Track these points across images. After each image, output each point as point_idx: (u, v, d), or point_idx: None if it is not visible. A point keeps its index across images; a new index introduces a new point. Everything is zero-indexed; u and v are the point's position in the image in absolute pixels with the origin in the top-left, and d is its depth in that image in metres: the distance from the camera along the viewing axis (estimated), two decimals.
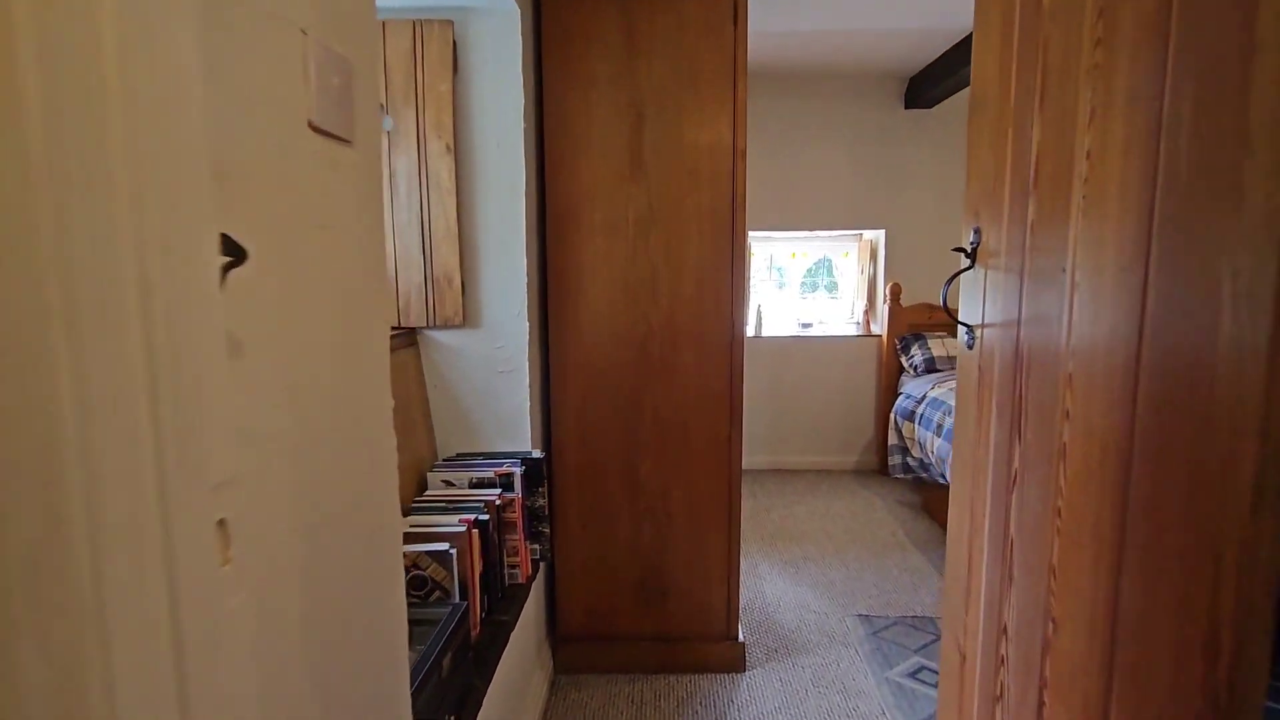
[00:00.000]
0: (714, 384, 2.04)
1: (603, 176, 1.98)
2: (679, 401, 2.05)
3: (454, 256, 1.79)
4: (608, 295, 2.02)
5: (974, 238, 1.24)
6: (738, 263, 2.00)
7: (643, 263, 2.01)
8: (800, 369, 4.28)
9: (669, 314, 2.02)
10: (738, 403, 2.05)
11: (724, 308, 2.02)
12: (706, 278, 2.00)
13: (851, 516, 3.53)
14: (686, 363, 2.04)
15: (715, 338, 2.03)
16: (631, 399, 2.06)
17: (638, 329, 2.03)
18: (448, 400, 1.89)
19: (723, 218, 1.98)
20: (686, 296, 2.01)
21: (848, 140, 4.09)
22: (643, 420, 2.07)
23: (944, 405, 3.27)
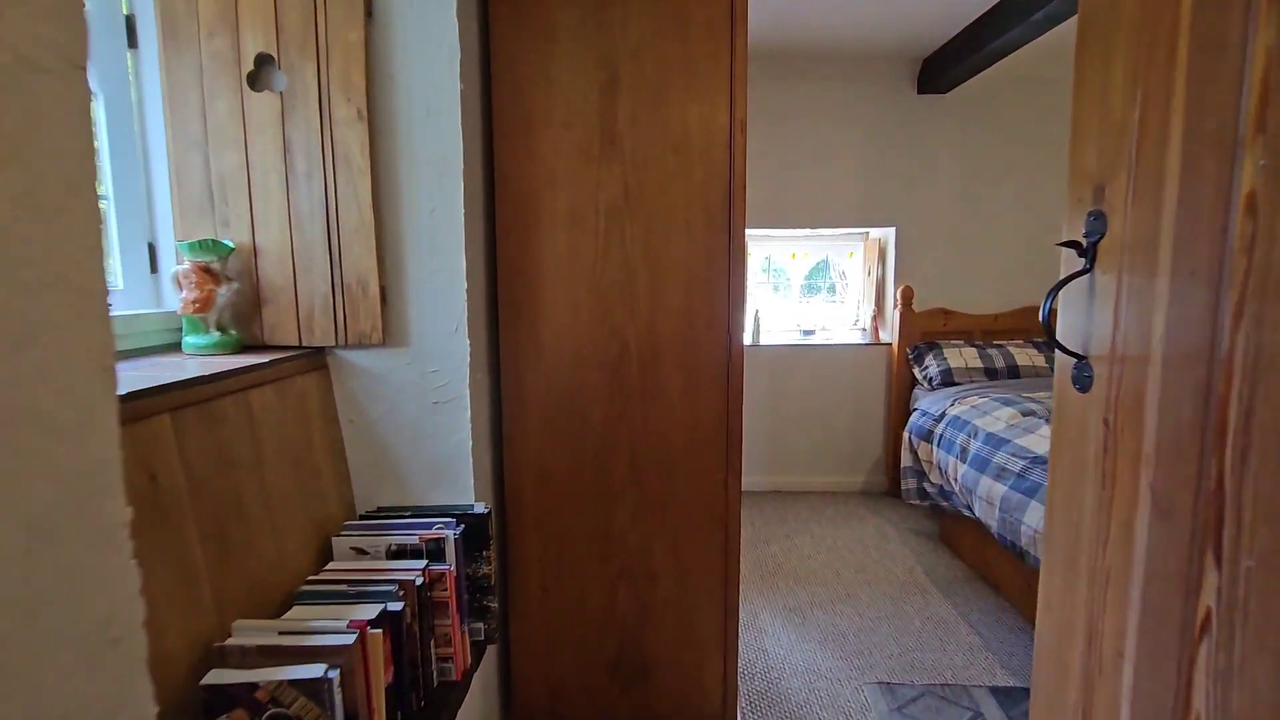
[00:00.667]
0: (706, 414, 1.64)
1: (566, 155, 1.57)
2: (663, 437, 1.65)
3: (370, 256, 1.38)
4: (572, 304, 1.61)
5: (1092, 226, 0.84)
6: (736, 263, 1.60)
7: (617, 263, 1.60)
8: (802, 380, 3.89)
9: (649, 328, 1.62)
10: (735, 438, 1.65)
11: (718, 319, 1.61)
12: (697, 282, 1.60)
13: (861, 549, 3.13)
14: (672, 388, 1.63)
15: (708, 357, 1.62)
16: (604, 434, 1.65)
17: (611, 347, 1.62)
18: (367, 439, 1.48)
19: (717, 206, 1.58)
20: (672, 306, 1.61)
21: (854, 129, 3.70)
22: (618, 460, 1.66)
23: (968, 425, 2.88)
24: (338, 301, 1.40)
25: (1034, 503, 2.23)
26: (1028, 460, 2.40)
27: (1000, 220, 3.75)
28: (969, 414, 2.95)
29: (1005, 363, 3.46)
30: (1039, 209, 3.73)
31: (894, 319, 3.80)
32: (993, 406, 2.90)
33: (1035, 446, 2.44)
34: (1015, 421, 2.71)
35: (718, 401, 1.64)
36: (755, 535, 3.31)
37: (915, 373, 3.69)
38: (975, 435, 2.79)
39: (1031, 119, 3.66)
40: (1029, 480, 2.31)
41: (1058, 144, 3.67)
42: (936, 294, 3.81)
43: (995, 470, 2.51)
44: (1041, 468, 2.31)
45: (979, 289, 3.79)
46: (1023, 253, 3.76)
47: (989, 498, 2.49)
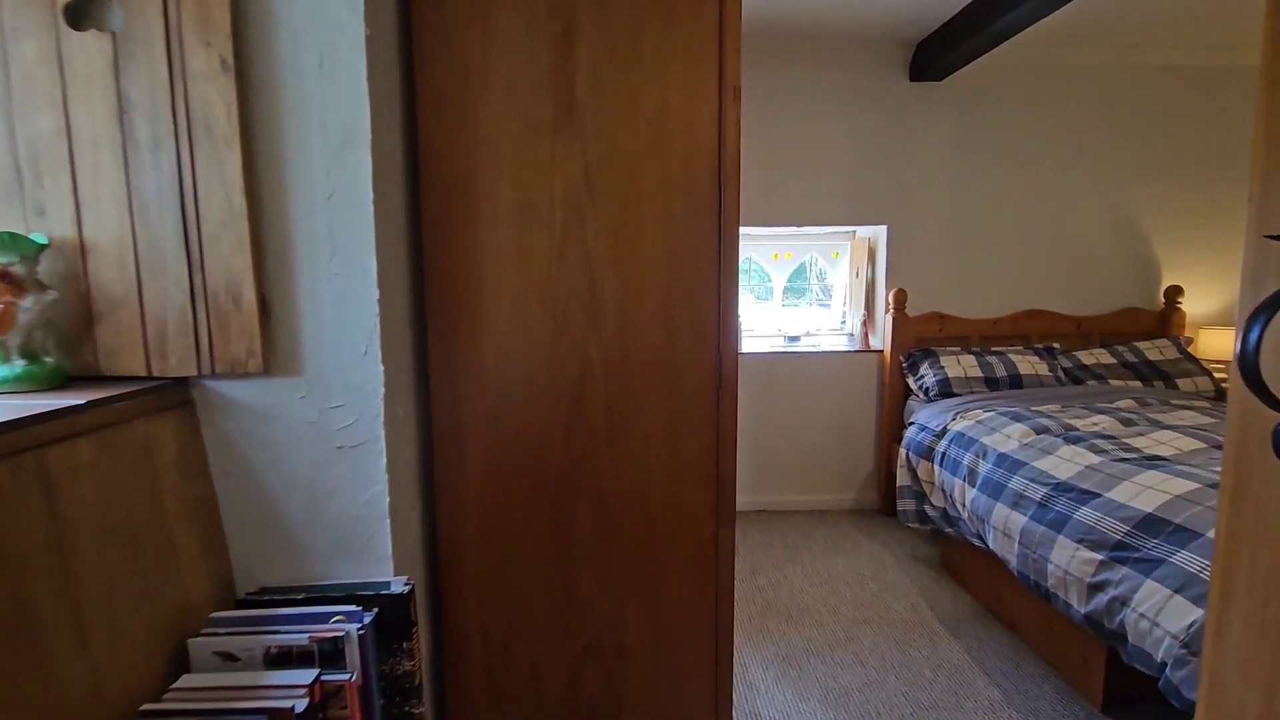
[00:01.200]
0: (692, 452, 1.32)
1: (511, 127, 1.24)
2: (637, 481, 1.32)
3: (243, 255, 1.03)
4: (522, 317, 1.28)
5: None
6: (727, 263, 1.28)
7: (577, 265, 1.27)
8: (787, 391, 3.59)
9: (619, 345, 1.29)
10: (728, 481, 1.33)
11: (705, 333, 1.29)
12: (679, 287, 1.28)
13: (858, 581, 2.84)
14: (648, 420, 1.31)
15: (693, 380, 1.30)
16: (564, 479, 1.32)
17: (570, 370, 1.29)
18: (249, 497, 1.13)
19: (703, 193, 1.26)
20: (647, 317, 1.28)
21: (842, 119, 3.42)
22: (582, 511, 1.33)
23: (975, 444, 2.60)
24: (199, 316, 1.04)
25: (1062, 538, 1.95)
26: (1049, 487, 2.12)
27: (998, 218, 3.50)
28: (975, 430, 2.67)
29: (1007, 372, 3.21)
30: (1040, 206, 3.49)
31: (885, 324, 3.53)
32: (1001, 422, 2.63)
33: (1056, 470, 2.16)
34: (1029, 440, 2.43)
35: (705, 436, 1.31)
36: (741, 564, 3.00)
37: (909, 382, 3.42)
38: (984, 455, 2.51)
39: (1033, 109, 3.42)
40: (1053, 510, 2.04)
41: (1060, 136, 3.43)
42: (931, 297, 3.54)
43: (1012, 497, 2.23)
44: (1067, 495, 2.04)
45: (976, 292, 3.53)
46: (1022, 253, 3.52)
47: (1006, 529, 2.20)
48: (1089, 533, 1.87)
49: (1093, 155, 3.45)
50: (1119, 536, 1.79)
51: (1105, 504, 1.91)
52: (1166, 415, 2.60)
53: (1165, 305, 3.48)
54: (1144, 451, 2.17)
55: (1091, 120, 3.43)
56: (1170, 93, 3.41)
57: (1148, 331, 3.49)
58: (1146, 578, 1.64)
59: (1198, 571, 1.55)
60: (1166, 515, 1.74)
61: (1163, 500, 1.79)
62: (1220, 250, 3.52)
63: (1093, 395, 2.98)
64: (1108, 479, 1.99)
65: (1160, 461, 2.04)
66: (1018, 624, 2.37)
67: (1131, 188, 3.47)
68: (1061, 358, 3.35)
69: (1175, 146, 3.44)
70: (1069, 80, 3.40)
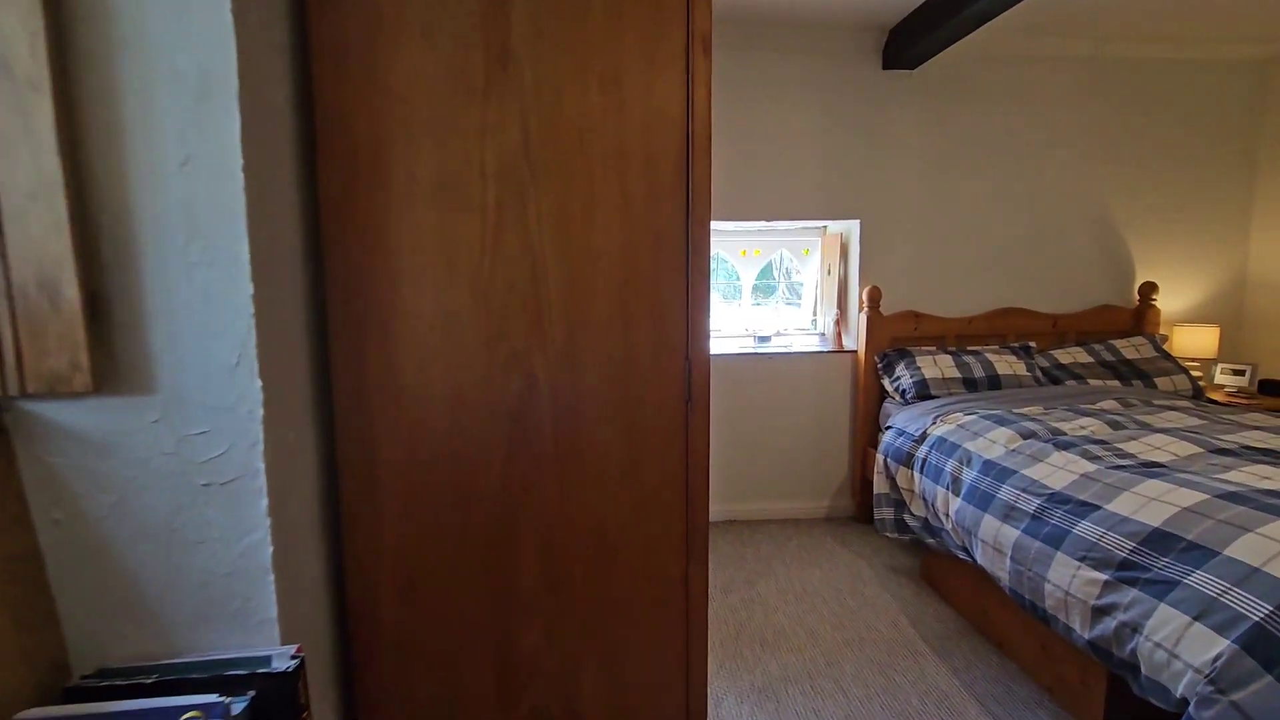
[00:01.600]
0: (657, 479, 1.10)
1: (432, 84, 1.01)
2: (591, 515, 1.10)
3: (60, 238, 0.78)
4: (448, 320, 1.04)
5: None
6: (698, 254, 1.06)
7: (515, 255, 1.04)
8: (757, 394, 3.41)
9: (568, 353, 1.07)
10: (699, 513, 1.11)
11: (672, 338, 1.08)
12: (639, 282, 1.06)
13: (836, 597, 2.66)
14: (603, 442, 1.09)
15: (658, 395, 1.09)
16: (502, 515, 1.09)
17: (509, 384, 1.06)
18: (86, 550, 0.87)
19: (668, 166, 1.04)
20: (600, 319, 1.06)
21: (812, 109, 3.25)
22: (524, 553, 1.10)
23: (958, 450, 2.45)
24: (4, 320, 0.78)
25: (1060, 554, 1.79)
26: (1043, 498, 1.96)
27: (973, 213, 3.37)
28: (957, 435, 2.52)
29: (985, 372, 3.08)
30: (1015, 200, 3.37)
31: (859, 323, 3.38)
32: (984, 426, 2.48)
33: (1049, 479, 2.01)
34: (1016, 446, 2.29)
35: (672, 459, 1.10)
36: (712, 581, 2.80)
37: (885, 384, 3.27)
38: (968, 462, 2.36)
39: (1007, 100, 3.30)
40: (1049, 524, 1.88)
41: (1034, 128, 3.32)
42: (905, 295, 3.40)
43: (1001, 509, 2.07)
44: (1063, 507, 1.88)
45: (952, 289, 3.40)
46: (998, 248, 3.40)
47: (996, 543, 2.05)
48: (1091, 549, 1.72)
49: (1068, 148, 3.35)
50: (1125, 554, 1.64)
51: (1106, 517, 1.75)
52: (1152, 417, 2.48)
53: (1140, 302, 3.40)
54: (1139, 457, 2.03)
55: (1066, 113, 3.33)
56: (1144, 87, 3.33)
57: (1123, 329, 3.41)
58: (1160, 602, 1.49)
59: (1218, 595, 1.39)
60: (1176, 530, 1.59)
61: (1170, 513, 1.64)
62: (1192, 246, 3.46)
63: (1073, 396, 2.86)
64: (1107, 489, 1.84)
65: (1159, 468, 1.91)
66: (1007, 643, 2.22)
67: (1106, 182, 3.39)
68: (1039, 357, 3.24)
69: (1148, 141, 3.37)
70: (1044, 71, 3.30)
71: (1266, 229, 3.40)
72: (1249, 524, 1.50)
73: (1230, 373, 3.25)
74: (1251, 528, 1.49)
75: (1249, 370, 3.20)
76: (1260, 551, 1.42)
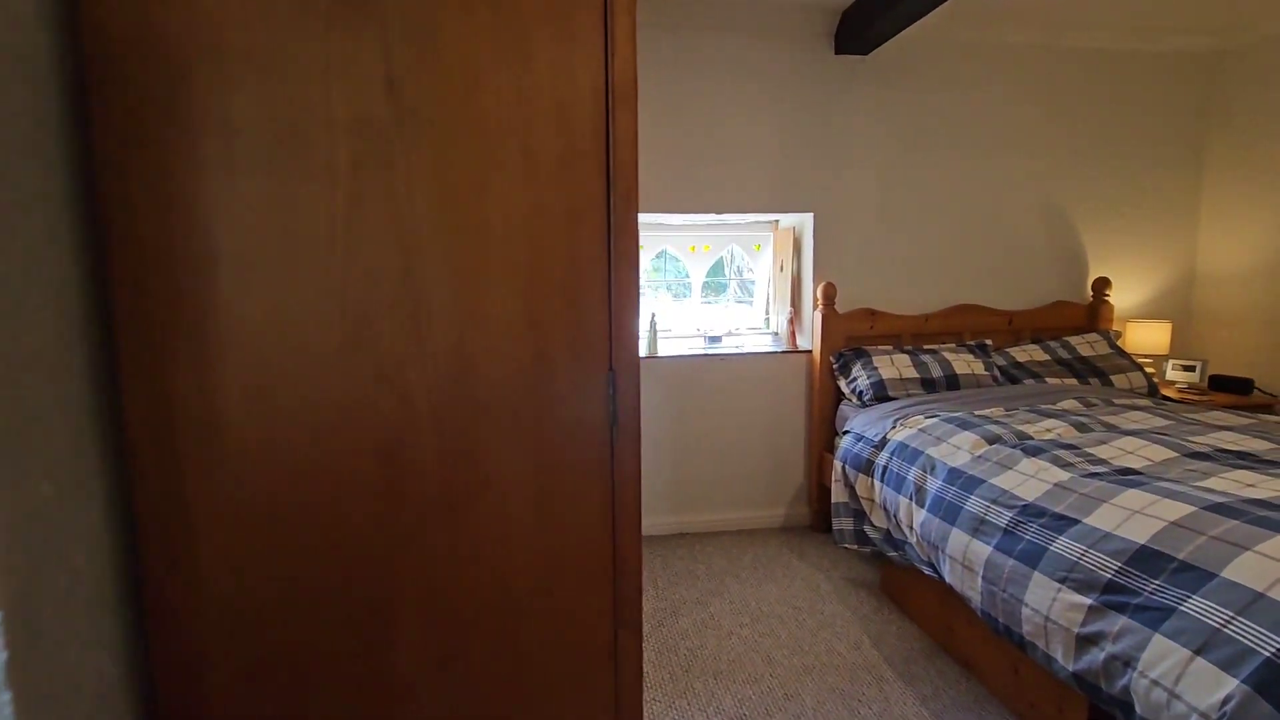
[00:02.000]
0: (575, 523, 0.86)
1: (267, 4, 0.74)
2: (491, 572, 0.85)
3: None
4: (286, 324, 0.78)
5: None
6: (622, 237, 0.82)
7: (379, 234, 0.79)
8: (709, 398, 3.21)
9: (457, 365, 0.81)
10: (631, 563, 0.88)
11: (592, 344, 0.84)
12: (548, 272, 0.82)
13: (794, 617, 2.47)
14: (505, 480, 0.84)
15: (574, 414, 0.84)
16: (372, 578, 0.83)
17: (376, 407, 0.80)
18: None
19: (583, 116, 0.80)
20: (498, 320, 0.82)
21: (761, 95, 3.06)
22: (402, 625, 0.84)
23: (920, 456, 2.29)
24: None
25: (1038, 574, 1.63)
26: (1015, 510, 1.80)
27: (928, 206, 3.24)
28: (919, 440, 2.36)
29: (943, 371, 2.94)
30: (970, 194, 3.26)
31: (814, 321, 3.21)
32: (947, 430, 2.33)
33: (1021, 489, 1.85)
34: (981, 451, 2.13)
35: (595, 497, 0.86)
36: (660, 603, 2.58)
37: (841, 385, 3.10)
38: (933, 470, 2.20)
39: (962, 90, 3.18)
40: (1024, 539, 1.72)
41: (989, 119, 3.21)
42: (861, 291, 3.25)
43: (970, 521, 1.91)
44: (1038, 521, 1.72)
45: (908, 286, 3.27)
46: (954, 244, 3.28)
47: (965, 560, 1.88)
48: (1072, 569, 1.55)
49: (1022, 141, 3.26)
50: (1110, 575, 1.48)
51: (1086, 532, 1.60)
52: (1117, 417, 2.38)
53: (1094, 298, 3.33)
54: (1113, 463, 1.90)
55: (1021, 104, 3.23)
56: (1096, 78, 3.26)
57: (1077, 326, 3.33)
58: (1155, 632, 1.33)
59: (1220, 626, 1.24)
60: (1164, 548, 1.44)
61: (1157, 528, 1.49)
62: (1143, 241, 3.42)
63: (1033, 396, 2.75)
64: (1084, 500, 1.69)
65: (1136, 476, 1.77)
66: (975, 663, 2.06)
67: (1059, 175, 3.31)
68: (995, 355, 3.14)
69: (1100, 134, 3.30)
70: (999, 60, 3.19)
71: (1214, 224, 3.38)
72: (1245, 541, 1.35)
73: (1181, 368, 3.21)
74: (1249, 545, 1.34)
75: (1199, 366, 3.16)
76: (1262, 574, 1.27)
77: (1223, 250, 3.34)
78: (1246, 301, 3.23)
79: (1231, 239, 3.29)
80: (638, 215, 0.81)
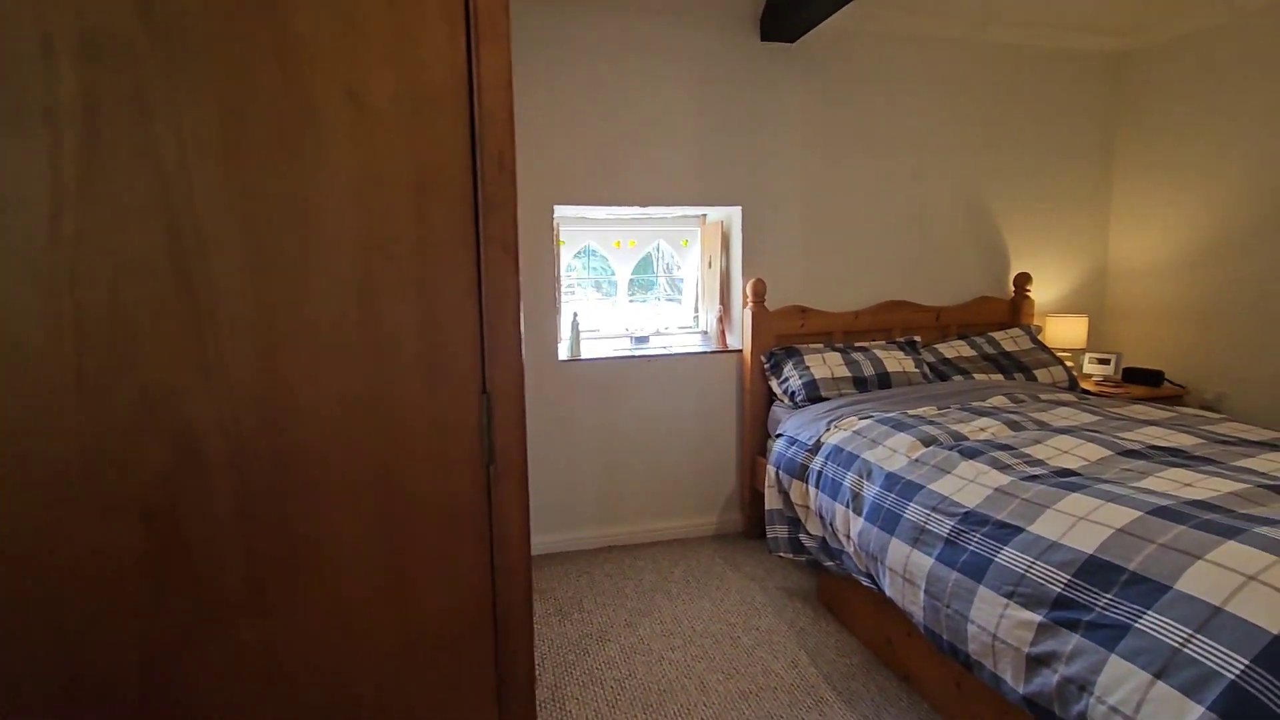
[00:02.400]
0: (441, 599, 0.64)
1: None
2: (327, 676, 0.62)
3: None
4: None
5: None
6: (497, 215, 0.61)
7: (134, 213, 0.55)
8: (636, 401, 3.03)
9: (264, 394, 0.58)
10: (519, 644, 0.67)
11: (459, 360, 0.62)
12: (391, 260, 0.60)
13: (728, 634, 2.32)
14: (341, 553, 0.61)
15: (434, 456, 0.63)
16: (134, 713, 0.58)
17: (141, 455, 0.56)
18: None
19: (433, 51, 0.59)
20: (323, 328, 0.59)
21: (685, 83, 2.90)
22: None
23: (856, 460, 2.18)
24: None
25: (983, 589, 1.52)
26: (956, 518, 1.70)
27: (857, 200, 3.17)
28: (855, 444, 2.25)
29: (874, 370, 2.87)
30: (898, 187, 3.21)
31: (744, 319, 3.07)
32: (882, 433, 2.23)
33: (961, 495, 1.76)
34: (918, 454, 2.04)
35: (468, 559, 0.65)
36: (586, 626, 2.38)
37: (773, 386, 2.99)
38: (869, 475, 2.09)
39: (888, 81, 3.12)
40: (967, 550, 1.62)
41: (915, 112, 3.17)
42: (791, 288, 3.14)
43: (910, 531, 1.80)
44: (980, 530, 1.62)
45: (838, 282, 3.19)
46: (883, 239, 3.22)
47: (906, 572, 1.77)
48: (1019, 583, 1.45)
49: (946, 135, 3.23)
50: (1059, 589, 1.38)
51: (1031, 542, 1.50)
52: (1046, 414, 2.34)
53: (1015, 293, 3.35)
54: (1050, 464, 1.83)
55: (944, 98, 3.21)
56: (1015, 74, 3.27)
57: (1000, 321, 3.35)
58: (1110, 652, 1.23)
59: (1180, 645, 1.15)
60: (1114, 559, 1.35)
61: (1104, 536, 1.40)
62: (1061, 237, 3.47)
63: (964, 393, 2.71)
64: (1026, 506, 1.60)
65: (1074, 477, 1.70)
66: (916, 677, 1.96)
67: (982, 171, 3.31)
68: (925, 352, 3.10)
69: (1019, 130, 3.32)
70: (924, 53, 3.15)
71: (1123, 221, 3.47)
72: (1196, 549, 1.28)
73: (1097, 361, 3.27)
74: (1200, 554, 1.26)
75: (1114, 359, 3.23)
76: (1218, 586, 1.19)
77: (1132, 246, 3.42)
78: (1155, 296, 3.32)
79: (1140, 235, 3.38)
80: (515, 184, 0.61)
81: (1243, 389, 2.96)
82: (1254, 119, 2.86)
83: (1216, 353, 3.05)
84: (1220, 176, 3.00)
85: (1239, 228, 2.94)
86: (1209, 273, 3.07)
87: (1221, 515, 1.38)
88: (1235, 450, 1.84)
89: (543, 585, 2.69)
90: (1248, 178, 2.90)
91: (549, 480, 2.95)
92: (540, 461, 2.92)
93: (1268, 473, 1.66)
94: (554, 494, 2.96)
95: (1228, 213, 2.98)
